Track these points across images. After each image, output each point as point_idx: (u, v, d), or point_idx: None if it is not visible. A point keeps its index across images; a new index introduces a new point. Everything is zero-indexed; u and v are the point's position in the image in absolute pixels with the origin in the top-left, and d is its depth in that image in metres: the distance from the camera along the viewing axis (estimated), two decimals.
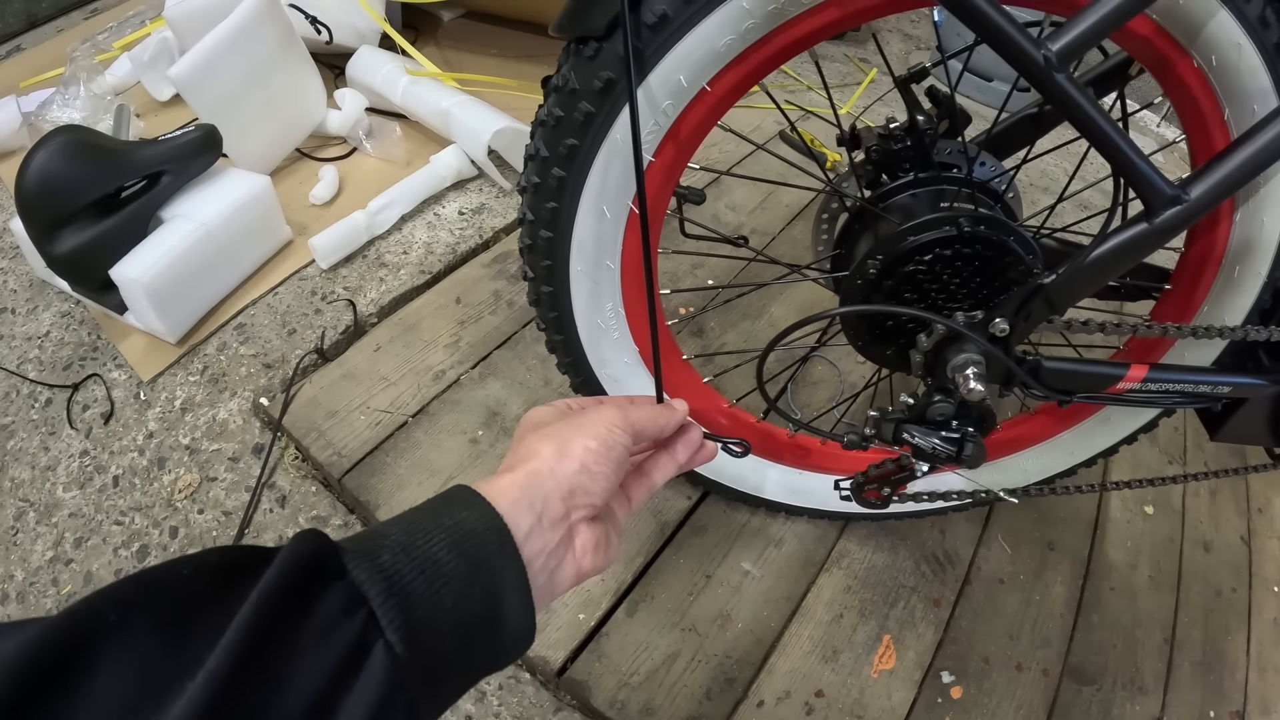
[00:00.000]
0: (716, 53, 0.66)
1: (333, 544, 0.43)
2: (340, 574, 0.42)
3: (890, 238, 0.78)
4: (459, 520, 0.47)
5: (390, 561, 0.43)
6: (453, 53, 1.91)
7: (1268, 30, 0.67)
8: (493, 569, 0.47)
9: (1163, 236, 0.71)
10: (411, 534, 0.45)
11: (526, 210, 0.77)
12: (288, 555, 0.41)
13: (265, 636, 0.37)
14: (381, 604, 0.41)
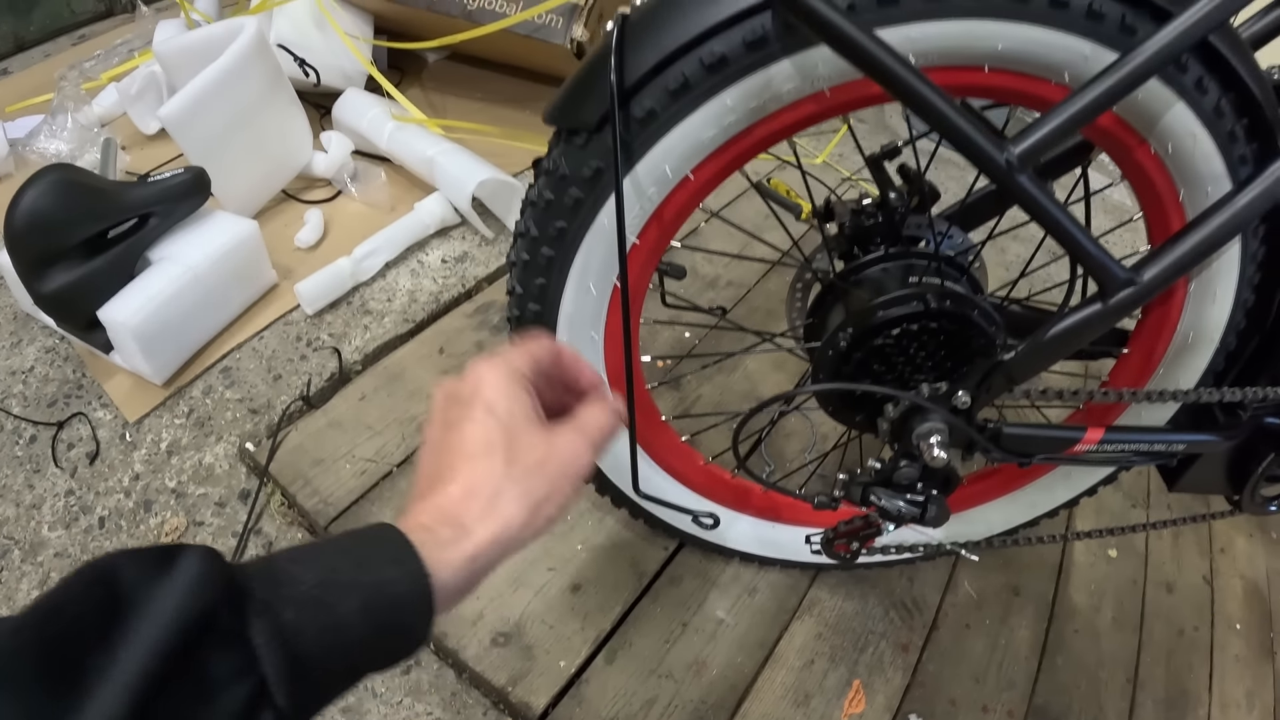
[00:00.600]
0: (700, 145, 0.70)
1: (235, 591, 0.40)
2: (238, 630, 0.39)
3: (860, 312, 0.82)
4: (380, 580, 0.44)
5: (294, 621, 0.41)
6: (437, 95, 1.95)
7: (1222, 119, 0.71)
8: (403, 630, 0.46)
9: (1116, 316, 0.76)
10: (325, 587, 0.43)
11: (516, 284, 0.80)
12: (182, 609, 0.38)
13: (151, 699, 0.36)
14: (275, 673, 0.40)
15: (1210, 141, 0.72)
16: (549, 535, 1.14)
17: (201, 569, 0.39)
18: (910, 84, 0.58)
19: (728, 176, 0.75)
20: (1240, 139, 0.72)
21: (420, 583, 0.45)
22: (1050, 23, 0.65)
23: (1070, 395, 0.86)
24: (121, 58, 2.05)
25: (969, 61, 0.67)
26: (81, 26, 2.27)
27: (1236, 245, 0.79)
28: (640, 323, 0.86)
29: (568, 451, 0.54)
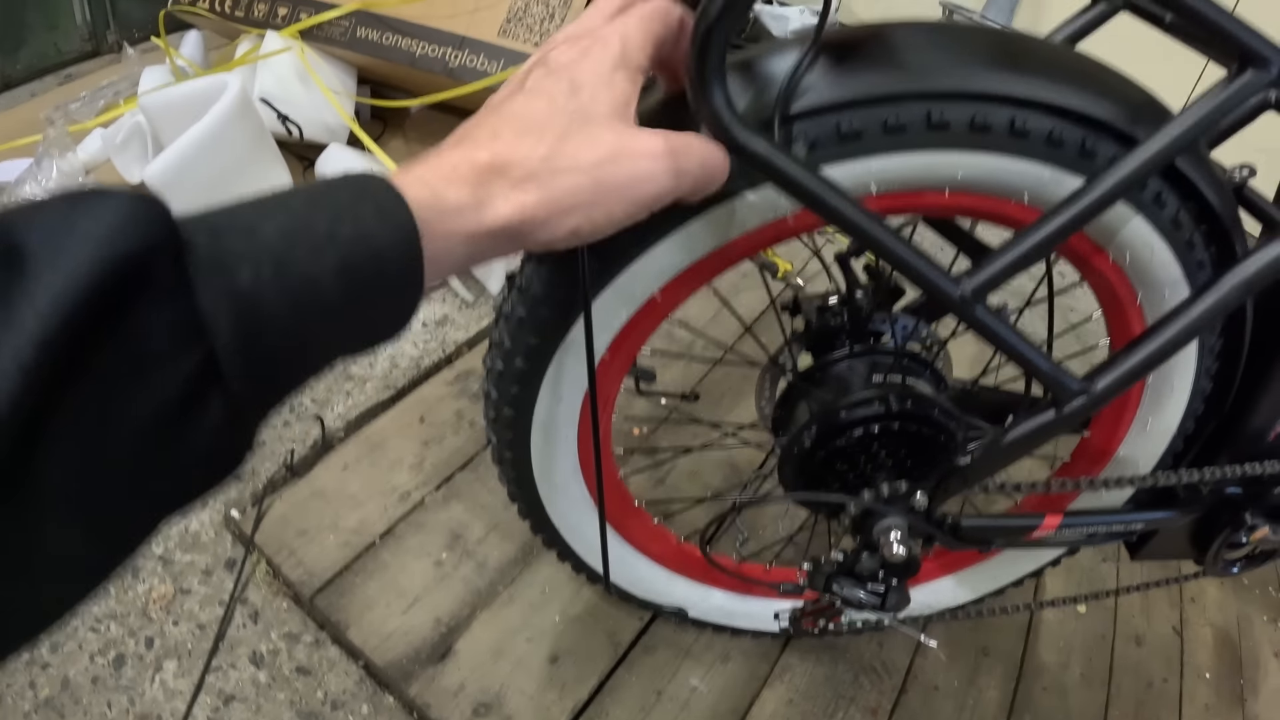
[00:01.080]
0: (666, 270, 0.72)
1: (175, 239, 0.33)
2: (179, 288, 0.32)
3: (822, 413, 0.85)
4: (361, 231, 0.37)
5: (251, 280, 0.33)
6: (419, 146, 1.97)
7: (1180, 230, 0.73)
8: (384, 301, 0.39)
9: (1069, 423, 0.79)
10: (294, 239, 0.35)
11: (491, 388, 0.83)
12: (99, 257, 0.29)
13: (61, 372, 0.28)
14: (227, 344, 0.32)
15: (1168, 250, 0.74)
16: (527, 606, 1.17)
17: (129, 209, 0.32)
18: (862, 225, 0.60)
19: (696, 291, 0.78)
20: (1198, 245, 0.75)
21: (410, 246, 0.39)
22: (1010, 151, 0.67)
23: (1028, 486, 0.89)
24: (108, 100, 2.06)
25: (930, 187, 0.69)
26: (68, 65, 2.29)
27: (1194, 343, 0.82)
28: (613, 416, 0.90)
29: (637, 166, 0.46)
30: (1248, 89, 0.60)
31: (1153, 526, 0.99)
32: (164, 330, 0.31)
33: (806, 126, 0.62)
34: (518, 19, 1.68)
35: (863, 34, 0.66)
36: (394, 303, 0.39)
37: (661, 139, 0.48)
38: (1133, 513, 0.99)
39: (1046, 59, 0.70)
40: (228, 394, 0.33)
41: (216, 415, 0.33)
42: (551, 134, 0.44)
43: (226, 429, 0.34)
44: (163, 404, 0.31)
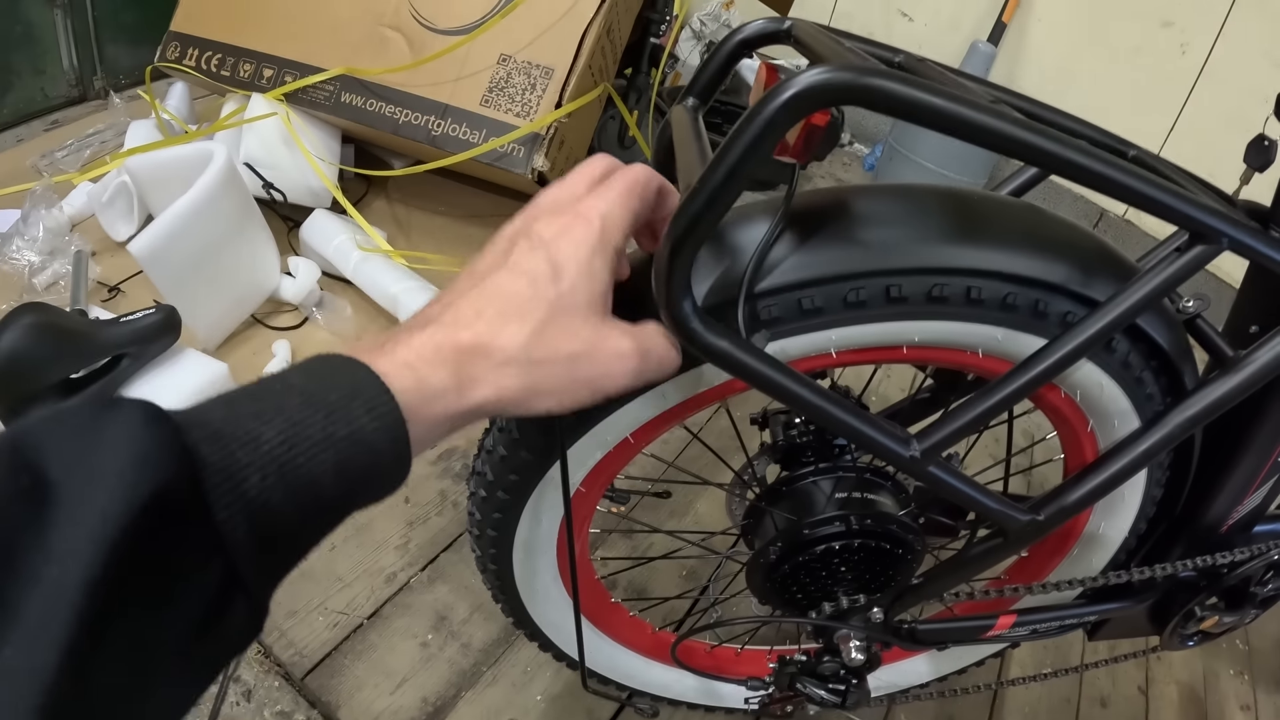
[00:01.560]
0: (638, 419, 0.77)
1: (188, 458, 0.34)
2: (196, 506, 0.34)
3: (787, 530, 0.90)
4: (354, 431, 0.39)
5: (259, 489, 0.36)
6: (402, 208, 2.01)
7: (1129, 369, 0.76)
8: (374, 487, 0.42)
9: (1018, 548, 0.84)
10: (294, 443, 0.37)
11: (475, 510, 0.87)
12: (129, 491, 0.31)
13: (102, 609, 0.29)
14: (244, 552, 0.35)
15: (1117, 387, 0.77)
16: (510, 686, 1.22)
17: (147, 438, 0.33)
18: (820, 409, 0.64)
19: (668, 429, 0.82)
20: (1147, 381, 0.78)
21: (398, 436, 0.41)
22: (965, 318, 0.70)
23: (981, 594, 0.94)
24: (94, 149, 2.10)
25: (888, 346, 0.73)
26: (55, 111, 2.31)
27: None
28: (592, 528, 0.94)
29: (609, 365, 0.51)
30: (1200, 259, 0.64)
31: (1108, 616, 1.04)
32: (189, 554, 0.33)
33: (770, 304, 0.67)
34: (499, 89, 1.71)
35: (826, 204, 0.70)
36: (384, 482, 0.42)
37: (631, 340, 0.52)
38: (1087, 605, 1.03)
39: (1003, 223, 0.73)
40: (247, 592, 0.36)
41: (240, 612, 0.36)
42: (532, 320, 0.47)
43: (248, 618, 0.37)
44: (192, 620, 0.34)
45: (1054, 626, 1.02)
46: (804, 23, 0.71)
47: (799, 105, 0.50)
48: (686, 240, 0.55)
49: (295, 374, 0.41)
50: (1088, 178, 0.58)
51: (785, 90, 0.50)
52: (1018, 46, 2.65)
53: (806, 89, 0.50)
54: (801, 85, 0.50)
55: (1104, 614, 1.04)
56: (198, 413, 0.37)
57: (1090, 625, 1.08)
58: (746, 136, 0.51)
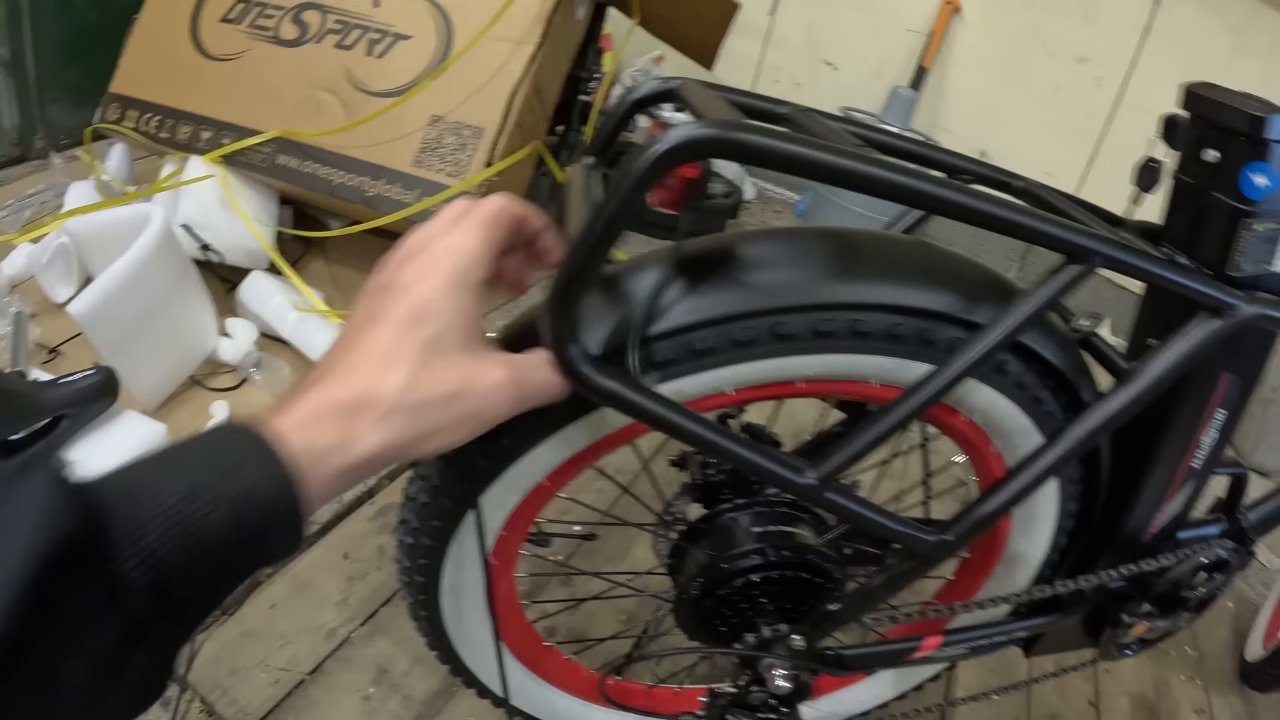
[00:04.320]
0: (550, 464, 0.79)
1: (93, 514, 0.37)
2: (100, 557, 0.37)
3: (705, 565, 0.92)
4: (247, 490, 0.42)
5: (158, 543, 0.38)
6: (340, 267, 2.04)
7: (1024, 389, 0.80)
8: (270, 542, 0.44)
9: (929, 568, 0.86)
10: (190, 503, 0.40)
11: (403, 556, 0.89)
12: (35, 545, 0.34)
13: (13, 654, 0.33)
14: (146, 600, 0.38)
15: (1014, 407, 0.81)
16: None
17: (52, 494, 0.36)
18: (710, 441, 0.67)
19: (582, 471, 0.85)
20: (1045, 399, 0.81)
21: (289, 493, 0.43)
22: (853, 350, 0.73)
23: (903, 615, 0.97)
24: (34, 209, 2.12)
25: (784, 381, 0.76)
26: None
27: None
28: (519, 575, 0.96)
29: (485, 398, 0.52)
30: (1074, 278, 0.68)
31: (1040, 631, 1.07)
32: (94, 603, 0.36)
33: (661, 347, 0.70)
34: (431, 149, 1.75)
35: (716, 249, 0.74)
36: (281, 538, 0.45)
37: (504, 370, 0.54)
38: (1017, 621, 1.05)
39: (887, 258, 0.77)
40: (150, 641, 0.39)
41: (142, 660, 0.39)
42: (405, 368, 0.49)
43: (152, 669, 0.40)
44: (98, 666, 0.37)
45: (985, 644, 1.05)
46: (692, 83, 0.75)
47: (666, 161, 0.54)
48: (570, 288, 0.58)
49: (198, 439, 0.44)
50: (952, 211, 0.63)
51: (654, 147, 0.53)
52: (940, 89, 2.75)
53: (672, 146, 0.53)
54: (668, 143, 0.53)
55: (1035, 629, 1.06)
56: (109, 476, 0.40)
57: (1024, 641, 1.11)
58: (620, 191, 0.54)
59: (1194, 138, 0.83)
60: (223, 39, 1.94)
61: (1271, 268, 0.81)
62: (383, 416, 0.48)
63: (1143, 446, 0.93)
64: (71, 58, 2.37)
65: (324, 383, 0.49)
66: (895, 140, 0.87)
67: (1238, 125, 0.77)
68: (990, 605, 0.98)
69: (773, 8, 2.90)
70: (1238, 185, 0.79)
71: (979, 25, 2.66)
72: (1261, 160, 0.77)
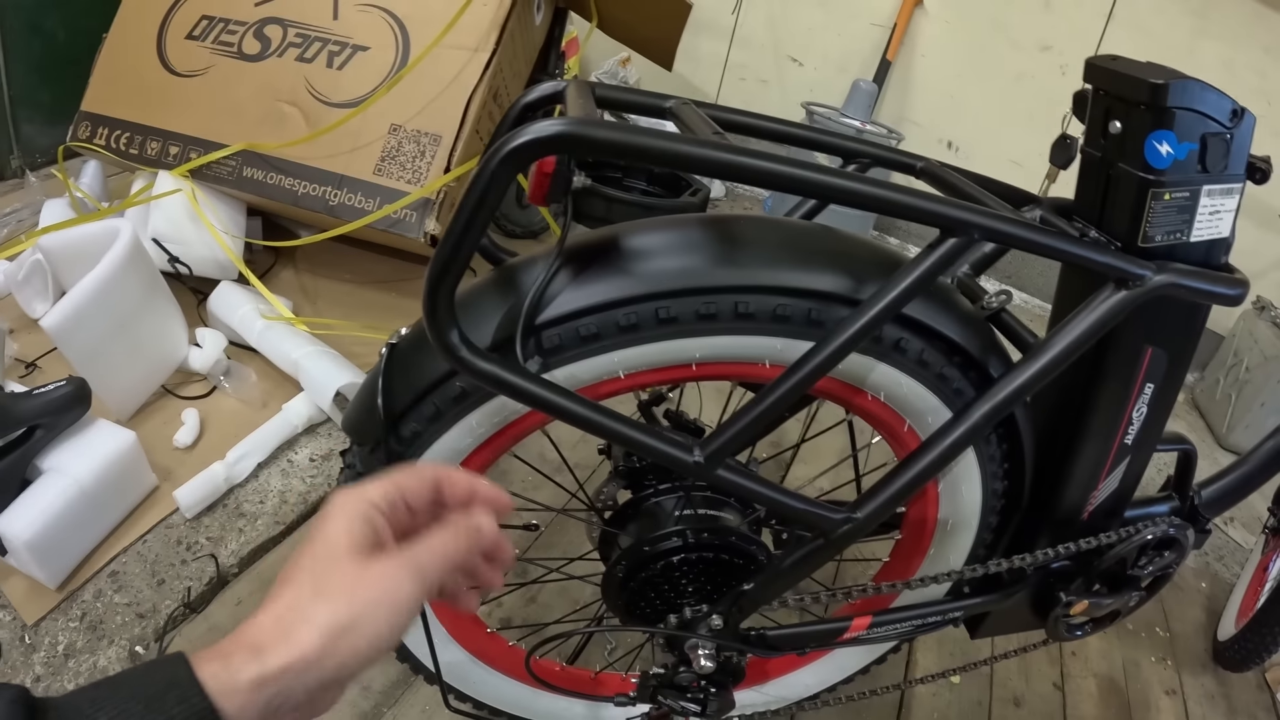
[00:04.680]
0: (461, 450, 0.82)
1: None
2: None
3: (629, 549, 0.95)
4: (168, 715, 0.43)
5: None
6: (309, 276, 2.08)
7: (927, 367, 0.81)
8: None
9: (840, 548, 0.87)
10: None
11: None
12: None
13: None
14: None
15: (918, 385, 0.82)
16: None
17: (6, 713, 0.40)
18: (594, 421, 0.70)
19: (498, 459, 0.88)
20: (952, 376, 0.82)
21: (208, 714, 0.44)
22: (740, 331, 0.76)
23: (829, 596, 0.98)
24: (10, 228, 2.17)
25: (675, 364, 0.79)
26: None
27: (970, 452, 0.89)
28: None
29: (383, 581, 0.51)
30: (954, 251, 0.69)
31: (978, 611, 1.08)
32: None
33: (550, 334, 0.73)
34: (391, 157, 1.79)
35: (600, 241, 0.77)
36: None
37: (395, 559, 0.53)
38: (952, 601, 1.06)
39: (774, 241, 0.79)
40: None
41: None
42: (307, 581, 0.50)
43: None
44: None
45: (920, 625, 1.06)
46: (575, 84, 0.79)
47: (515, 159, 0.57)
48: (442, 278, 0.62)
49: (138, 669, 0.45)
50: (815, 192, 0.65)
51: (502, 147, 0.57)
52: (905, 81, 2.78)
53: (519, 144, 0.57)
54: (515, 140, 0.57)
55: (975, 609, 1.07)
56: (65, 698, 0.43)
57: (965, 621, 1.12)
58: (477, 188, 0.58)
59: (1099, 110, 0.84)
60: (188, 55, 1.98)
61: (1186, 238, 0.82)
62: (289, 626, 0.48)
63: (1071, 423, 0.95)
64: (45, 78, 2.42)
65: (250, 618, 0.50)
66: (783, 128, 0.89)
67: (1139, 96, 0.78)
68: (925, 585, 0.99)
69: (736, 6, 2.94)
70: (1143, 155, 0.79)
71: (941, 17, 2.69)
72: (1165, 129, 0.78)
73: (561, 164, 0.60)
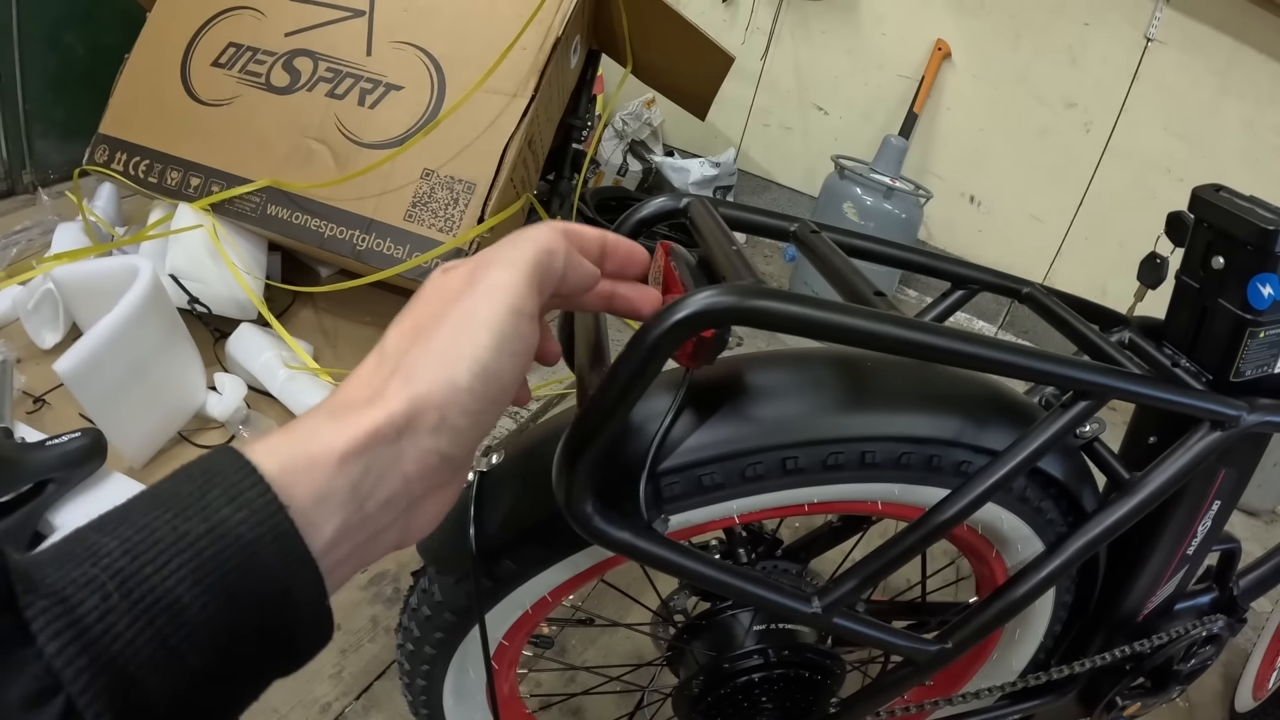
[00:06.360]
0: (553, 582, 0.79)
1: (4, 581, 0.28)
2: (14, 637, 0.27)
3: (708, 665, 0.92)
4: (215, 526, 0.31)
5: (97, 612, 0.28)
6: (328, 316, 2.03)
7: (1026, 502, 0.81)
8: (266, 595, 0.32)
9: (929, 675, 0.87)
10: (137, 553, 0.30)
11: (404, 660, 0.89)
12: None
13: None
14: (84, 691, 0.27)
15: (1016, 518, 0.82)
16: None
17: None
18: (711, 577, 0.67)
19: (584, 585, 0.85)
20: (1047, 509, 0.82)
21: (274, 521, 0.32)
22: (862, 479, 0.74)
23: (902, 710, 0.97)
24: (20, 247, 2.11)
25: (790, 506, 0.76)
26: None
27: None
28: None
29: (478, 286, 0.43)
30: (1087, 411, 0.69)
31: (1030, 713, 1.06)
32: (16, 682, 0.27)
33: (670, 482, 0.70)
34: (423, 203, 1.75)
35: (722, 378, 0.74)
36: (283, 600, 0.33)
37: None
38: (1012, 705, 1.05)
39: (894, 384, 0.78)
40: None
41: None
42: None
43: None
44: None
45: None
46: (698, 203, 0.75)
47: (682, 331, 0.53)
48: (584, 449, 0.58)
49: (165, 478, 0.33)
50: (964, 361, 0.63)
51: (671, 316, 0.53)
52: (928, 134, 2.77)
53: (690, 315, 0.53)
54: (686, 311, 0.53)
55: (1027, 711, 1.06)
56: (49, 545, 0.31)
57: None
58: (635, 359, 0.54)
59: (1200, 242, 0.84)
60: (213, 84, 1.93)
61: (1272, 370, 0.83)
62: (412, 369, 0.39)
63: (1140, 538, 0.94)
64: (61, 93, 2.37)
65: None
66: (897, 251, 0.87)
67: (1245, 236, 0.78)
68: (984, 696, 0.98)
69: (764, 51, 2.92)
70: (1245, 295, 0.79)
71: (968, 70, 2.68)
72: (1269, 271, 0.78)
73: (723, 330, 0.57)
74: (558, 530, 0.73)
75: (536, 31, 1.78)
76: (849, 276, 0.69)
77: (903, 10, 2.73)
